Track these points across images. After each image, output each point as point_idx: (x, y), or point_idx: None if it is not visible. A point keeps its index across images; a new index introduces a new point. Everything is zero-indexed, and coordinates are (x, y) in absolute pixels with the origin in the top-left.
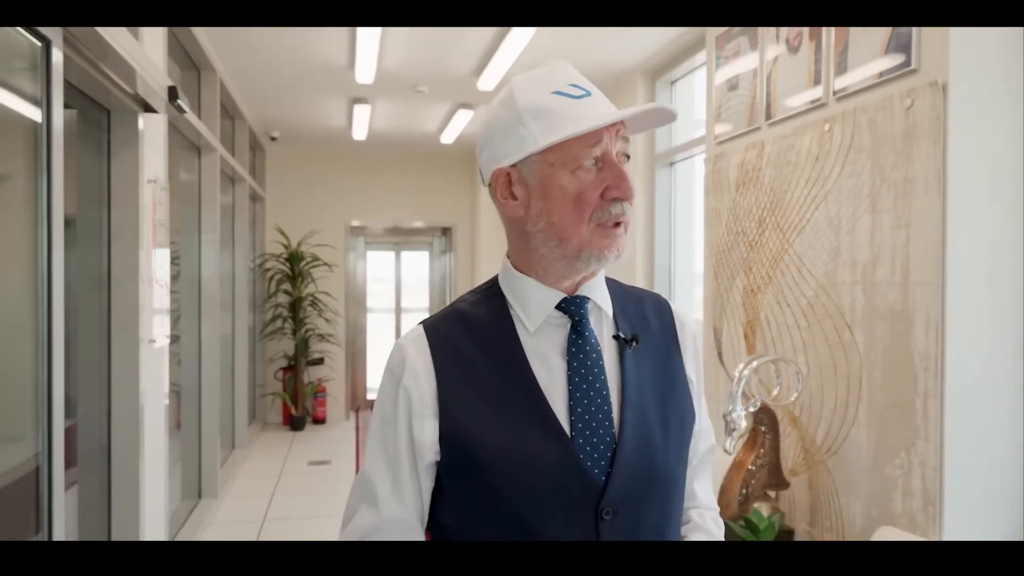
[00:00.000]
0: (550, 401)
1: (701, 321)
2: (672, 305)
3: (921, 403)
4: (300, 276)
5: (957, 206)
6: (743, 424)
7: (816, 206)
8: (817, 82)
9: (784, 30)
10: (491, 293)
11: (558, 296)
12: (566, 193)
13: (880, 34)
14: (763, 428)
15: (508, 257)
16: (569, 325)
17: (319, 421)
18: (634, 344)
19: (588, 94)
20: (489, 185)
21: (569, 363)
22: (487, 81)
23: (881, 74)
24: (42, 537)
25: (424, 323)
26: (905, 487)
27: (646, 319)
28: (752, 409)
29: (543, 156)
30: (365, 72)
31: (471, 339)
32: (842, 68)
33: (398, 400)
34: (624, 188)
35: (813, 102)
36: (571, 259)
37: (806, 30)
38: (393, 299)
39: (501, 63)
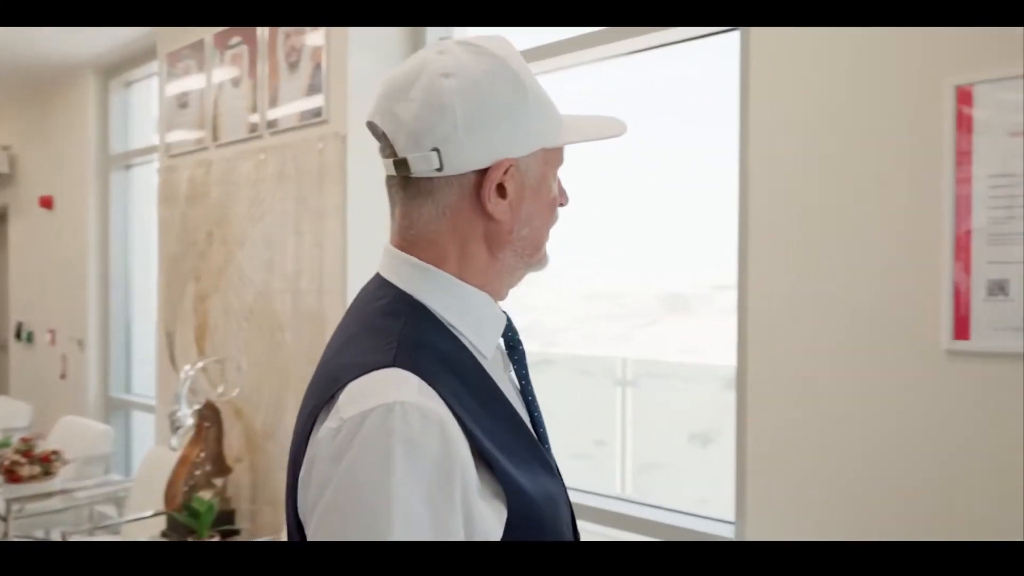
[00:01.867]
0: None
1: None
2: None
3: None
4: None
5: (355, 230)
6: (188, 422)
7: (255, 224)
8: (255, 110)
9: (228, 61)
10: (419, 314)
11: (502, 314)
12: (552, 197)
13: (303, 78)
14: (207, 424)
15: (433, 265)
16: (504, 346)
17: None
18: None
19: None
20: (455, 174)
21: (522, 390)
22: None
23: (302, 116)
24: None
25: (417, 371)
26: None
27: None
28: (197, 407)
29: (546, 153)
30: None
31: (460, 383)
32: (274, 102)
33: (453, 486)
34: (567, 195)
35: (252, 132)
36: (528, 270)
37: (246, 64)
38: None
39: None
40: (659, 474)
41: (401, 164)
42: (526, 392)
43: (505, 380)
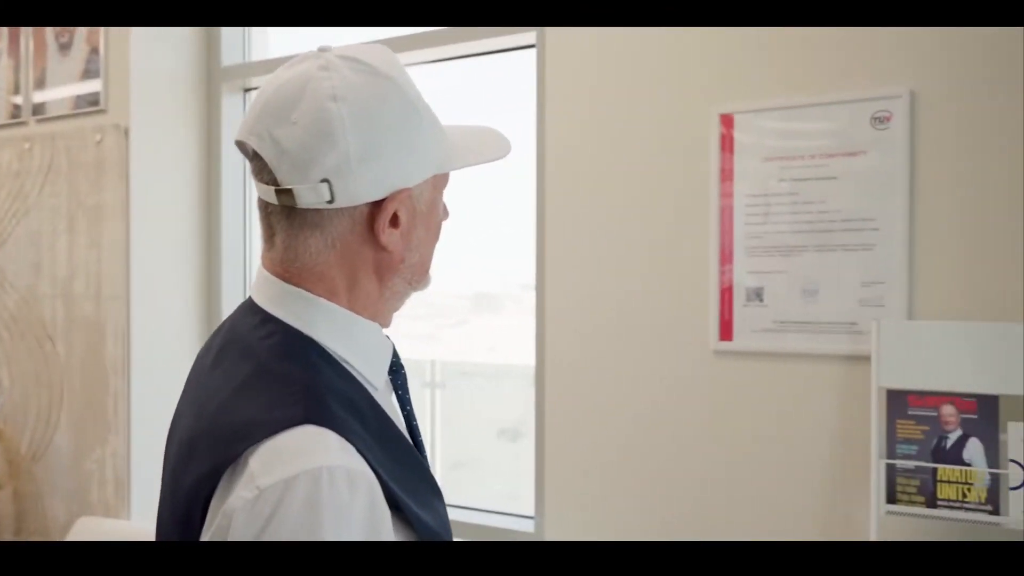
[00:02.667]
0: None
1: None
2: None
3: (112, 403)
4: None
5: (139, 231)
6: None
7: (18, 221)
8: (17, 91)
9: None
10: (316, 354)
11: (390, 342)
12: (438, 220)
13: (76, 61)
14: None
15: (324, 298)
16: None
17: None
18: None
19: None
20: (345, 206)
21: (406, 415)
22: None
23: (76, 103)
24: None
25: (332, 426)
26: (100, 478)
27: None
28: None
29: (435, 178)
30: None
31: (363, 427)
32: (41, 84)
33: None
34: (448, 211)
35: (14, 116)
36: (413, 292)
37: (5, 40)
38: None
39: None
40: (470, 471)
41: (285, 194)
42: (410, 417)
43: (391, 407)
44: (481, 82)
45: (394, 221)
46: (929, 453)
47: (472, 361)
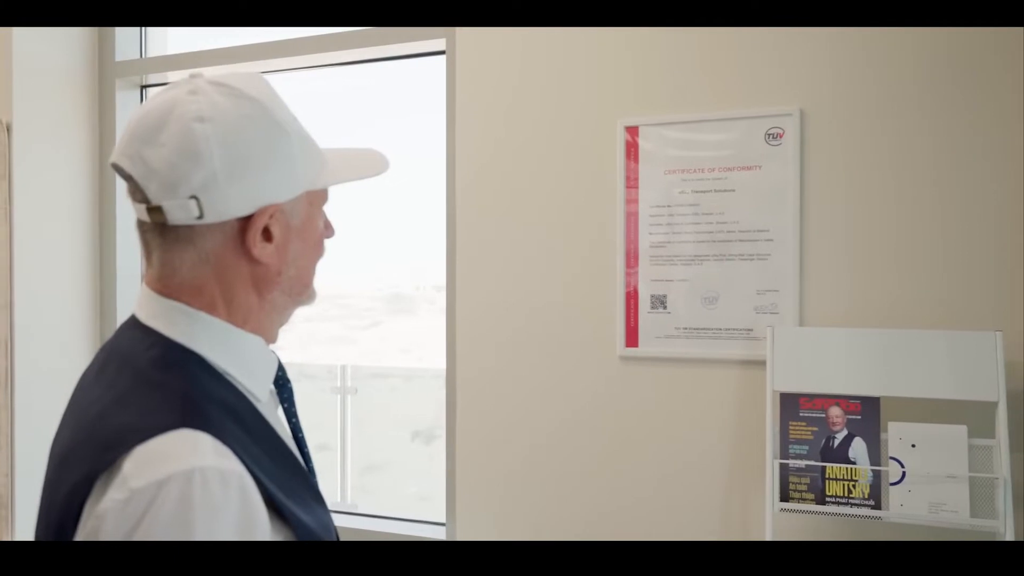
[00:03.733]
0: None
1: None
2: None
3: None
4: None
5: (24, 234)
6: None
7: None
8: None
9: None
10: (196, 364)
11: (274, 356)
12: (317, 234)
13: None
14: None
15: (203, 311)
16: (274, 385)
17: None
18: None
19: None
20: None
21: (292, 428)
22: None
23: None
24: None
25: (208, 428)
26: None
27: None
28: None
29: (310, 195)
30: None
31: (244, 432)
32: None
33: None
34: (333, 227)
35: None
36: (297, 306)
37: None
38: None
39: None
40: (384, 473)
41: (156, 211)
42: (296, 429)
43: (277, 420)
44: (397, 84)
45: (267, 235)
46: (818, 453)
47: (382, 365)
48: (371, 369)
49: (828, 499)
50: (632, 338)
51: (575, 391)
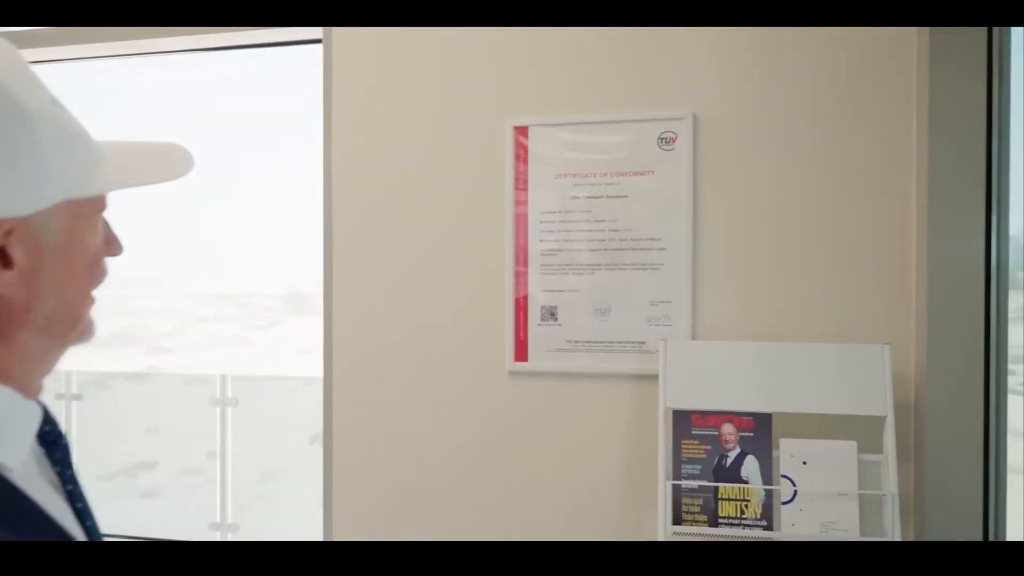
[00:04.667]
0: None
1: None
2: None
3: None
4: None
5: None
6: None
7: None
8: None
9: None
10: None
11: (36, 409)
12: (87, 256)
13: None
14: None
15: None
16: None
17: None
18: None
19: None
20: None
21: (71, 498)
22: None
23: None
24: None
25: None
26: None
27: None
28: None
29: (72, 203)
30: None
31: None
32: None
33: None
34: (119, 242)
35: None
36: (65, 348)
37: None
38: None
39: None
40: (282, 479)
41: None
42: (74, 497)
43: (44, 485)
44: (272, 73)
45: (4, 260)
46: (711, 472)
47: (255, 375)
48: (268, 370)
49: (721, 520)
50: (522, 352)
51: (462, 406)
